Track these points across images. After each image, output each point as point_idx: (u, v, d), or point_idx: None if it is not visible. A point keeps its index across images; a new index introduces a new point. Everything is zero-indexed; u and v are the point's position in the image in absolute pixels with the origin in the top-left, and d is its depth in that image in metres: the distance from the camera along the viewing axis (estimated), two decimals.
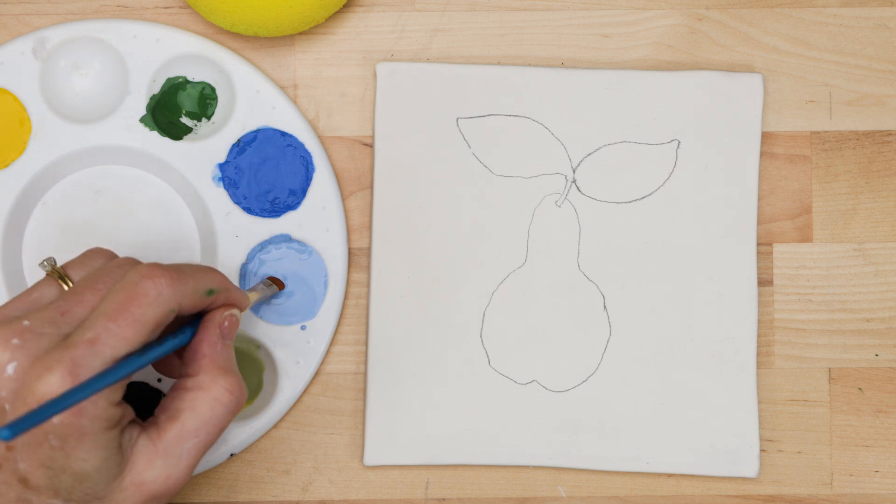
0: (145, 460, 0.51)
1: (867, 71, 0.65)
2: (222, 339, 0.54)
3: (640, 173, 0.64)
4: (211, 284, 0.53)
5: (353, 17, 0.65)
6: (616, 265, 0.64)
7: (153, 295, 0.50)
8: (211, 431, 0.52)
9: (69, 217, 0.64)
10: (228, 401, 0.53)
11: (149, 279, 0.51)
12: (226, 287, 0.54)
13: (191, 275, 0.52)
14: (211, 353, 0.53)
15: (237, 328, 0.55)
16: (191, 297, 0.52)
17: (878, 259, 0.65)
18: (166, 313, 0.51)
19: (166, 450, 0.52)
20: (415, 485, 0.65)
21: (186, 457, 0.52)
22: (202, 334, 0.54)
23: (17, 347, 0.49)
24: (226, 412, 0.53)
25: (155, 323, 0.51)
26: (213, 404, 0.52)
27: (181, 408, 0.52)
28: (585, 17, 0.65)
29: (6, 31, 0.65)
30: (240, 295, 0.56)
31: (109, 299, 0.50)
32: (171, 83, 0.64)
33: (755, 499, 0.65)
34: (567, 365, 0.64)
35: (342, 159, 0.65)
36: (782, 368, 0.65)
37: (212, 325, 0.54)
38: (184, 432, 0.52)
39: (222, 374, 0.53)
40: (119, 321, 0.50)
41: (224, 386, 0.52)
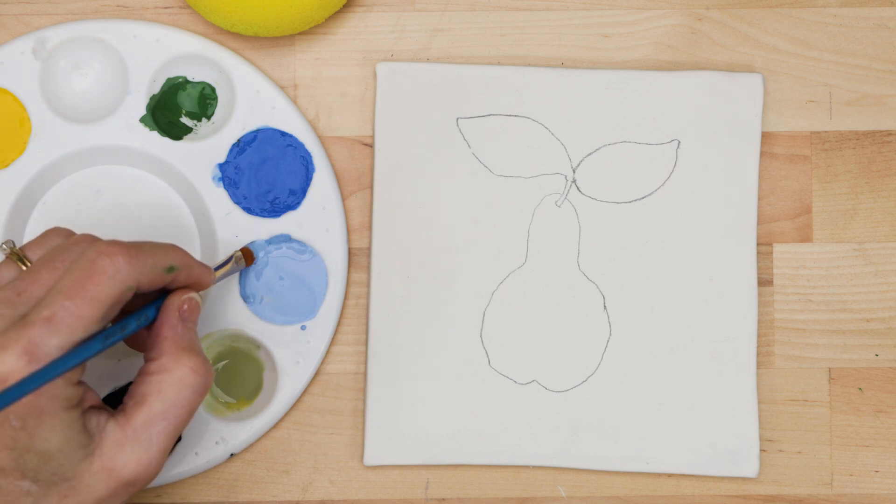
0: (115, 445, 0.51)
1: (867, 71, 0.65)
2: (182, 322, 0.54)
3: (640, 173, 0.64)
4: (171, 261, 0.53)
5: (353, 17, 0.65)
6: (616, 265, 0.64)
7: (110, 272, 0.50)
8: (179, 414, 0.52)
9: (69, 217, 0.64)
10: (194, 380, 0.52)
11: (106, 256, 0.50)
12: (187, 263, 0.54)
13: (150, 252, 0.52)
14: (172, 336, 0.53)
15: (198, 310, 0.55)
16: (149, 275, 0.52)
17: (878, 259, 0.65)
18: (124, 291, 0.51)
19: (135, 434, 0.51)
20: (415, 485, 0.65)
21: (157, 440, 0.52)
22: (162, 318, 0.54)
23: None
24: (192, 392, 0.52)
25: (112, 301, 0.50)
26: (179, 385, 0.52)
27: (147, 392, 0.52)
28: (585, 17, 0.65)
29: (6, 31, 0.65)
30: (203, 272, 0.55)
31: (66, 277, 0.50)
32: (171, 83, 0.64)
33: (755, 499, 0.65)
34: (567, 365, 0.64)
35: (342, 159, 0.65)
36: (782, 368, 0.65)
37: (171, 308, 0.54)
38: (152, 416, 0.52)
39: (185, 355, 0.53)
40: (75, 299, 0.49)
41: (188, 366, 0.52)
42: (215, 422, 0.63)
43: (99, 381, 0.63)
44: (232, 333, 0.64)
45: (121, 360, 0.63)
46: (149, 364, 0.53)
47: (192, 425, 0.63)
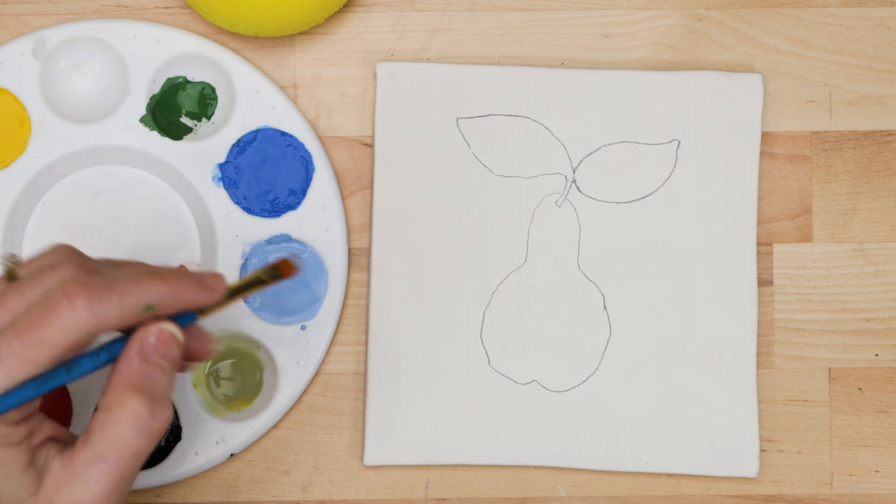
0: (54, 483, 0.49)
1: (867, 71, 0.65)
2: (141, 356, 0.49)
3: (640, 173, 0.64)
4: (149, 299, 0.48)
5: (353, 17, 0.65)
6: (616, 265, 0.64)
7: (65, 317, 0.47)
8: (120, 456, 0.48)
9: (69, 217, 0.64)
10: (135, 423, 0.48)
11: (65, 297, 0.47)
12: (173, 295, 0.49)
13: (123, 290, 0.48)
14: (124, 371, 0.49)
15: (172, 345, 0.50)
16: (117, 317, 0.48)
17: (878, 259, 0.65)
18: (81, 336, 0.47)
19: (77, 474, 0.48)
20: (415, 485, 0.65)
21: (95, 483, 0.48)
22: (122, 351, 0.50)
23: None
24: (134, 434, 0.48)
25: (65, 346, 0.47)
26: (119, 426, 0.48)
27: (92, 429, 0.49)
28: (585, 17, 0.65)
29: (6, 31, 0.65)
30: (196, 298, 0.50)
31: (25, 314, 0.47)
32: (171, 83, 0.64)
33: (755, 499, 0.65)
34: (567, 365, 0.64)
35: (342, 159, 0.65)
36: (782, 368, 0.65)
37: (134, 340, 0.49)
38: (93, 455, 0.48)
39: (130, 395, 0.48)
40: (23, 339, 0.47)
41: (130, 407, 0.48)
42: (215, 422, 0.63)
43: (99, 381, 0.63)
44: (232, 333, 0.64)
45: None
46: (100, 398, 0.49)
47: (193, 425, 0.63)
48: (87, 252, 0.64)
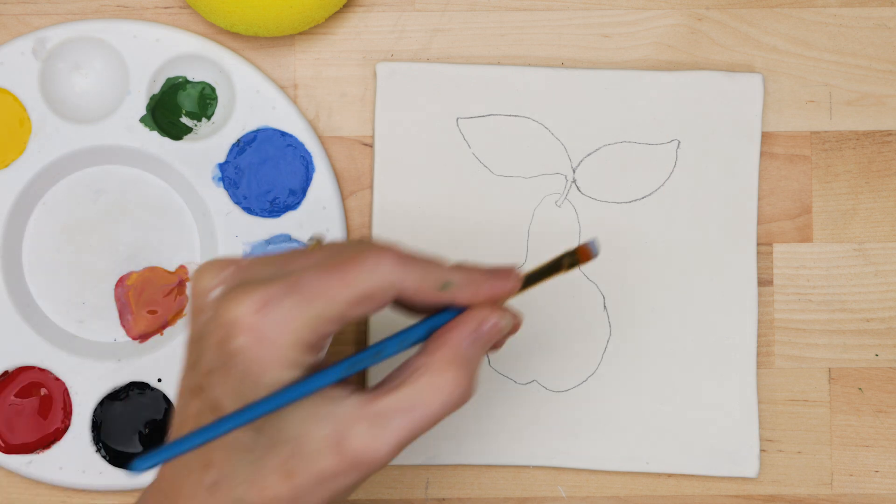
0: (349, 418, 0.49)
1: (867, 71, 0.65)
2: (474, 337, 0.50)
3: (640, 173, 0.64)
4: (447, 277, 0.50)
5: (353, 17, 0.65)
6: (616, 265, 0.64)
7: (370, 264, 0.48)
8: (423, 416, 0.49)
9: (69, 217, 0.64)
10: (450, 392, 0.49)
11: (372, 250, 0.49)
12: (470, 281, 0.50)
13: (426, 263, 0.50)
14: (454, 343, 0.50)
15: (500, 336, 0.51)
16: (416, 283, 0.49)
17: (878, 259, 0.65)
18: (381, 288, 0.48)
19: (374, 417, 0.49)
20: (415, 485, 0.65)
21: (392, 431, 0.49)
22: (455, 324, 0.50)
23: (226, 278, 0.50)
24: (442, 403, 0.49)
25: (363, 291, 0.48)
26: (434, 390, 0.49)
27: (402, 382, 0.49)
28: (585, 17, 0.65)
29: (6, 31, 0.65)
30: (495, 288, 0.51)
31: (329, 256, 0.49)
32: (171, 83, 0.64)
33: (755, 499, 0.65)
34: (567, 365, 0.64)
35: (342, 159, 0.65)
36: (782, 368, 0.65)
37: (471, 319, 0.50)
38: (396, 406, 0.49)
39: (454, 367, 0.49)
40: (325, 274, 0.48)
41: (451, 377, 0.49)
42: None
43: (99, 380, 0.63)
44: None
45: (121, 360, 0.63)
46: (417, 357, 0.50)
47: None
48: (87, 252, 0.64)
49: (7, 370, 0.63)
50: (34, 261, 0.64)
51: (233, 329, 0.48)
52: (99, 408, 0.63)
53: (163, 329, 0.64)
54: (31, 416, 0.63)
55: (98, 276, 0.64)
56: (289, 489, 0.49)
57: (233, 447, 0.49)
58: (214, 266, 0.50)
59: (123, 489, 0.63)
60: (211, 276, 0.50)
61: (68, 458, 0.63)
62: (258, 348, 0.48)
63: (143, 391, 0.63)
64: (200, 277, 0.50)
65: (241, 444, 0.49)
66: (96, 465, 0.63)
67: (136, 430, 0.63)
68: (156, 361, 0.63)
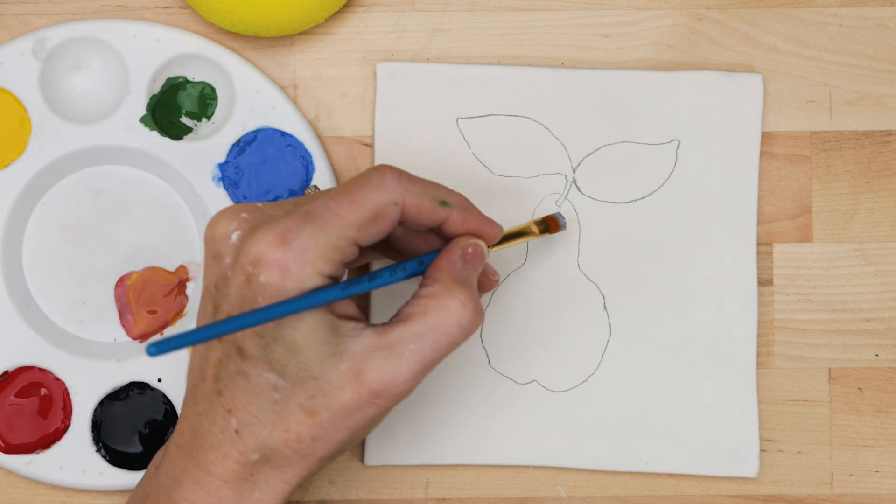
0: (366, 350, 0.51)
1: (867, 71, 0.65)
2: (463, 261, 0.54)
3: (640, 173, 0.64)
4: (445, 196, 0.54)
5: (353, 17, 0.65)
6: (616, 265, 0.64)
7: (375, 182, 0.52)
8: (437, 340, 0.52)
9: (69, 217, 0.64)
10: (460, 313, 0.52)
11: (375, 170, 0.52)
12: (464, 206, 0.54)
13: (422, 180, 0.53)
14: (449, 268, 0.53)
15: (482, 260, 0.54)
16: (417, 198, 0.53)
17: (878, 259, 0.65)
18: (387, 203, 0.52)
19: (389, 345, 0.51)
20: (415, 485, 0.65)
21: (409, 358, 0.51)
22: (443, 253, 0.54)
23: (243, 220, 0.52)
24: (455, 324, 0.52)
25: (373, 208, 0.51)
26: (444, 313, 0.52)
27: (412, 312, 0.52)
28: (585, 17, 0.65)
29: (6, 31, 0.65)
30: (483, 221, 0.55)
31: (336, 187, 0.52)
32: (171, 83, 0.64)
33: (755, 499, 0.65)
34: (567, 365, 0.64)
35: (342, 159, 0.65)
36: (782, 368, 0.65)
37: (455, 246, 0.54)
38: (409, 334, 0.52)
39: (459, 287, 0.52)
40: (336, 199, 0.51)
41: (458, 297, 0.52)
42: None
43: (99, 380, 0.63)
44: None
45: (121, 360, 0.63)
46: (421, 289, 0.53)
47: None
48: (87, 252, 0.64)
49: (7, 370, 0.63)
50: (34, 261, 0.64)
51: (257, 265, 0.50)
52: (99, 408, 0.63)
53: (163, 329, 0.64)
54: (31, 416, 0.63)
55: (98, 276, 0.64)
56: (311, 427, 0.51)
57: (254, 392, 0.51)
58: (229, 212, 0.52)
59: (123, 489, 0.63)
60: (227, 221, 0.52)
61: (68, 458, 0.63)
62: (283, 281, 0.50)
63: (143, 391, 0.63)
64: (217, 224, 0.52)
65: (262, 389, 0.51)
66: (96, 465, 0.63)
67: (136, 430, 0.63)
68: (156, 361, 0.63)
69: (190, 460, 0.52)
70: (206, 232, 0.53)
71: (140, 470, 0.63)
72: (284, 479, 0.52)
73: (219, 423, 0.52)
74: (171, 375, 0.63)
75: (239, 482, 0.52)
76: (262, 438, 0.51)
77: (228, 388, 0.51)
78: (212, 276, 0.52)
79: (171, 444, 0.54)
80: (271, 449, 0.51)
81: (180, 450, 0.53)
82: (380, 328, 0.52)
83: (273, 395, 0.51)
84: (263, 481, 0.52)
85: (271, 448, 0.51)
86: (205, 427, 0.52)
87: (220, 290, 0.52)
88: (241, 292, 0.50)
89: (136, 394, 0.63)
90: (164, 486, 0.53)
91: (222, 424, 0.52)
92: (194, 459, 0.52)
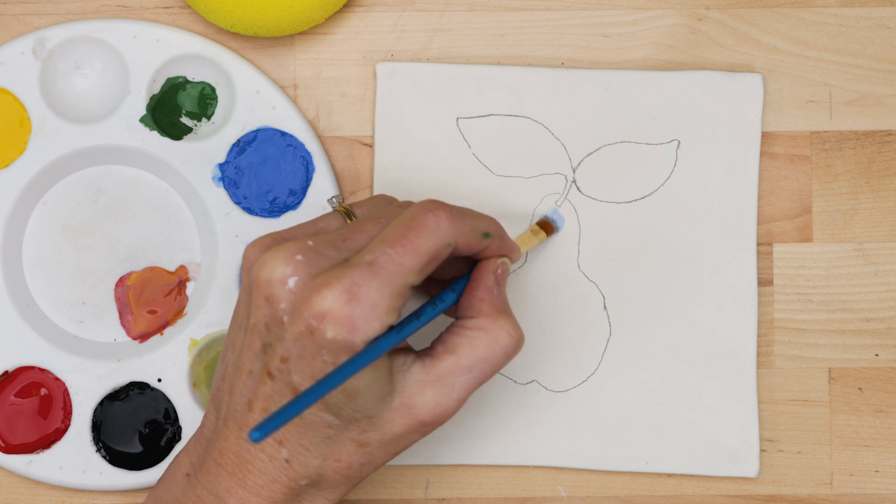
0: (417, 385, 0.53)
1: (867, 71, 0.65)
2: (497, 285, 0.55)
3: (640, 173, 0.64)
4: (487, 228, 0.55)
5: (353, 17, 0.65)
6: (616, 265, 0.64)
7: (432, 226, 0.52)
8: (484, 370, 0.53)
9: (69, 217, 0.64)
10: (507, 343, 0.54)
11: (429, 212, 0.52)
12: (500, 234, 0.56)
13: (469, 215, 0.54)
14: (489, 298, 0.55)
15: (507, 276, 0.56)
16: (467, 236, 0.53)
17: (878, 259, 0.65)
18: (443, 246, 0.52)
19: (439, 379, 0.53)
20: (415, 484, 0.65)
21: (458, 389, 0.53)
22: (478, 280, 0.55)
23: (299, 263, 0.51)
24: (502, 353, 0.54)
25: (431, 254, 0.52)
26: (492, 344, 0.53)
27: (459, 343, 0.53)
28: (585, 17, 0.65)
29: (6, 31, 0.65)
30: (511, 245, 0.57)
31: (390, 229, 0.52)
32: (171, 83, 0.64)
33: (755, 499, 0.65)
34: (567, 365, 0.64)
35: (342, 159, 0.65)
36: (782, 368, 0.65)
37: (486, 271, 0.55)
38: (458, 366, 0.53)
39: (503, 317, 0.54)
40: (397, 247, 0.51)
41: (505, 328, 0.54)
42: None
43: (99, 380, 0.63)
44: None
45: (121, 360, 0.63)
46: (465, 320, 0.54)
47: (193, 425, 0.63)
48: (87, 252, 0.64)
49: (7, 370, 0.63)
50: (34, 261, 0.64)
51: (323, 321, 0.50)
52: (99, 408, 0.63)
53: (163, 329, 0.64)
54: (31, 416, 0.63)
55: (98, 276, 0.64)
56: (362, 455, 0.53)
57: (307, 428, 0.52)
58: (282, 255, 0.51)
59: (123, 489, 0.63)
60: (283, 265, 0.51)
61: (68, 458, 0.63)
62: (352, 337, 0.50)
63: (143, 391, 0.63)
64: (271, 267, 0.51)
65: (316, 426, 0.52)
66: (96, 465, 0.63)
67: (136, 430, 0.63)
68: (156, 361, 0.63)
69: (235, 481, 0.53)
70: (255, 272, 0.52)
71: (140, 470, 0.63)
72: (329, 498, 0.54)
73: (268, 452, 0.53)
74: (171, 375, 0.63)
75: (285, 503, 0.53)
76: (314, 468, 0.53)
77: None
78: (262, 317, 0.52)
79: (209, 461, 0.54)
80: (321, 475, 0.53)
81: (222, 469, 0.53)
82: (427, 361, 0.53)
83: (327, 432, 0.52)
84: (308, 501, 0.54)
85: (321, 475, 0.53)
86: (251, 453, 0.53)
87: (271, 332, 0.52)
88: (302, 342, 0.51)
89: (136, 394, 0.63)
90: (205, 501, 0.53)
91: (271, 453, 0.53)
92: (240, 481, 0.53)
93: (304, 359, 0.51)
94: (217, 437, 0.54)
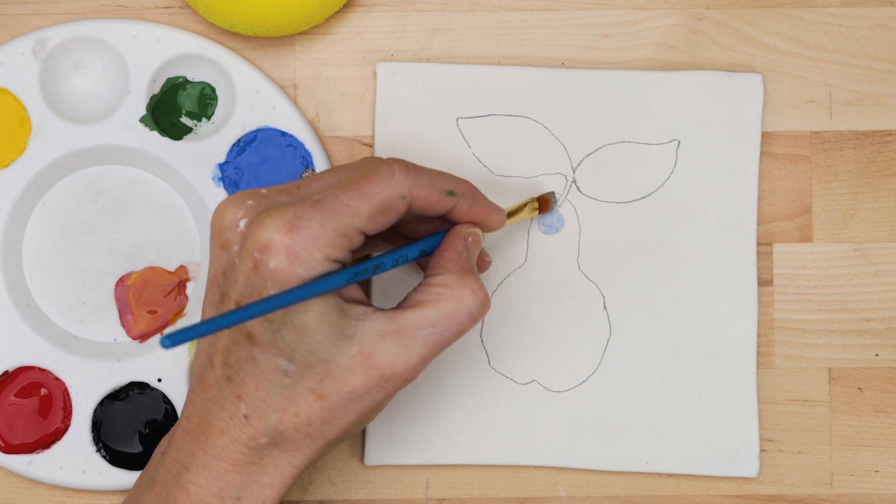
0: (376, 334, 0.52)
1: (867, 71, 0.65)
2: (466, 247, 0.55)
3: (640, 173, 0.64)
4: (451, 186, 0.54)
5: (353, 17, 0.65)
6: (616, 265, 0.64)
7: (384, 175, 0.52)
8: (447, 327, 0.53)
9: (69, 217, 0.64)
10: (471, 302, 0.53)
11: (384, 163, 0.53)
12: (471, 195, 0.55)
13: (429, 171, 0.54)
14: (457, 258, 0.54)
15: (479, 247, 0.56)
16: (425, 190, 0.53)
17: (878, 259, 0.65)
18: (396, 197, 0.52)
19: (400, 330, 0.52)
20: (415, 485, 0.65)
21: (419, 343, 0.52)
22: (448, 242, 0.55)
23: (250, 207, 0.52)
24: (466, 312, 0.53)
25: (381, 200, 0.52)
26: (457, 301, 0.53)
27: (424, 299, 0.53)
28: (585, 17, 0.65)
29: (6, 31, 0.65)
30: (490, 209, 0.56)
31: (343, 177, 0.53)
32: (171, 83, 0.64)
33: (755, 499, 0.65)
34: (567, 365, 0.64)
35: (342, 159, 0.65)
36: (782, 368, 0.65)
37: (457, 234, 0.55)
38: (421, 320, 0.53)
39: (469, 277, 0.54)
40: (347, 191, 0.52)
41: (470, 286, 0.53)
42: None
43: (99, 380, 0.63)
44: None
45: (121, 360, 0.63)
46: (431, 278, 0.54)
47: None
48: (87, 252, 0.64)
49: (7, 370, 0.63)
50: (34, 261, 0.64)
51: (266, 251, 0.50)
52: (99, 408, 0.63)
53: (163, 329, 0.64)
54: (31, 416, 0.63)
55: (98, 276, 0.64)
56: (321, 410, 0.52)
57: (264, 377, 0.51)
58: (235, 200, 0.52)
59: (123, 489, 0.63)
60: (234, 209, 0.52)
61: (68, 458, 0.63)
62: (292, 267, 0.50)
63: (143, 391, 0.63)
64: (224, 212, 0.52)
65: (272, 374, 0.51)
66: (96, 465, 0.63)
67: (136, 430, 0.63)
68: (156, 361, 0.63)
69: (197, 445, 0.53)
70: (212, 220, 0.53)
71: (140, 470, 0.63)
72: (292, 462, 0.53)
73: (228, 409, 0.52)
74: (171, 375, 0.63)
75: (247, 465, 0.52)
76: (272, 423, 0.52)
77: (238, 374, 0.52)
78: (219, 265, 0.52)
79: (177, 430, 0.54)
80: (281, 433, 0.52)
81: (187, 435, 0.53)
82: (390, 313, 0.53)
83: (283, 380, 0.51)
84: (272, 464, 0.53)
85: (281, 432, 0.52)
86: (213, 413, 0.52)
87: (227, 278, 0.52)
88: (250, 279, 0.51)
89: (136, 394, 0.63)
90: (172, 471, 0.53)
91: (231, 410, 0.52)
92: (202, 444, 0.52)
93: (252, 297, 0.51)
94: (185, 404, 0.54)
